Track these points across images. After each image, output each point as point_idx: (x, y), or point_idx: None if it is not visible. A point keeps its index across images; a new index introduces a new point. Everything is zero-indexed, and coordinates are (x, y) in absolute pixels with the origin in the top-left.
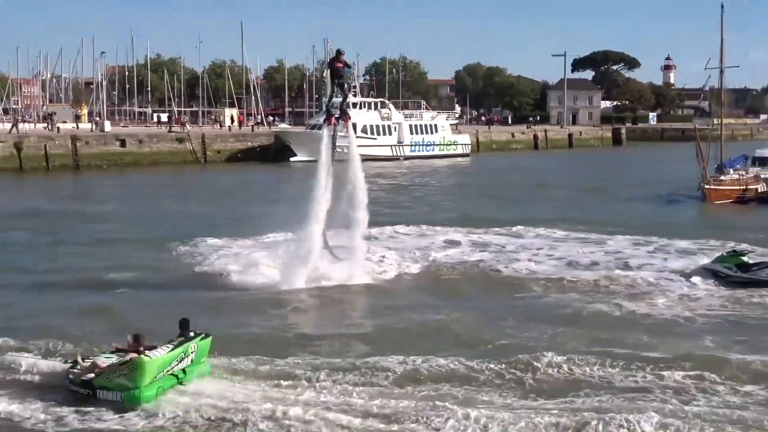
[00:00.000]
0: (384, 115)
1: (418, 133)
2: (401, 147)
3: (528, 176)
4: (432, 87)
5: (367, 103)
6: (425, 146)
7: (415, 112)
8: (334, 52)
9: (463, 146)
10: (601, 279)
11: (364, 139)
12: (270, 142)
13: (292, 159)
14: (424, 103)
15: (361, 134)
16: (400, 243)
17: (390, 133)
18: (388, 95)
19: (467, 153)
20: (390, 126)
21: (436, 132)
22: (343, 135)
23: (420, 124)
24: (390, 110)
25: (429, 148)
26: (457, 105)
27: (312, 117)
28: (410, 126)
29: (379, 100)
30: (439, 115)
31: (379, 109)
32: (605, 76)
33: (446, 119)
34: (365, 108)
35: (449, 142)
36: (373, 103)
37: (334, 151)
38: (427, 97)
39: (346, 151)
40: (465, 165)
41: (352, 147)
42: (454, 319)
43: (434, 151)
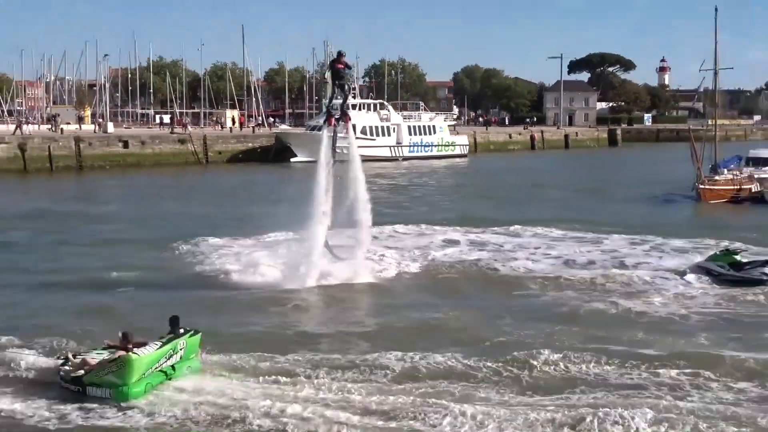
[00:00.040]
0: (383, 116)
1: (417, 134)
2: (400, 148)
3: (525, 177)
4: (430, 89)
5: (367, 105)
6: (424, 147)
7: (414, 114)
8: (335, 53)
9: (461, 147)
10: (597, 277)
11: (363, 140)
12: (270, 143)
13: (293, 160)
14: (422, 105)
15: (360, 135)
16: (400, 242)
17: (389, 134)
18: (387, 97)
19: (465, 154)
20: (389, 127)
21: (435, 133)
22: (343, 136)
23: (418, 126)
24: (389, 111)
25: (427, 149)
26: (455, 106)
27: (312, 118)
28: (409, 127)
29: (378, 102)
30: (438, 116)
31: (378, 111)
32: (601, 78)
33: (444, 120)
34: (364, 109)
35: (447, 143)
36: (373, 105)
37: (335, 152)
38: (426, 99)
39: (345, 152)
40: (463, 165)
41: (352, 147)
42: (452, 317)
43: (432, 151)
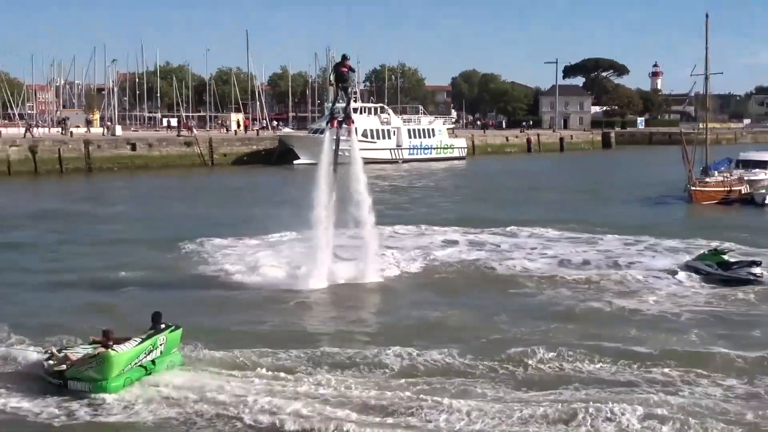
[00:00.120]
0: (383, 119)
1: (416, 137)
2: (400, 150)
3: (522, 178)
4: (429, 93)
5: (367, 108)
6: (423, 150)
7: (413, 117)
8: (337, 58)
9: (460, 150)
10: (592, 277)
11: (364, 143)
12: (274, 146)
13: (296, 162)
14: (421, 109)
15: (361, 138)
16: (400, 242)
17: (389, 137)
18: (387, 101)
19: (463, 156)
20: (389, 130)
21: (434, 136)
22: (345, 139)
23: (418, 129)
24: (389, 115)
25: (427, 152)
26: (454, 110)
27: (315, 122)
28: (408, 130)
29: (378, 106)
30: (437, 119)
31: (379, 114)
32: (595, 83)
33: (443, 124)
34: (365, 113)
35: (446, 146)
36: (373, 108)
37: (338, 153)
38: (425, 103)
39: (347, 154)
40: (461, 168)
41: (354, 150)
42: (450, 315)
43: (432, 154)
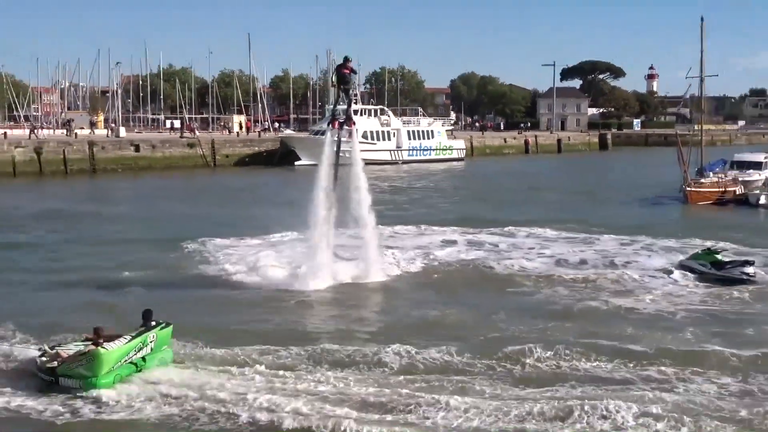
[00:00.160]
0: (383, 121)
1: (416, 139)
2: (400, 152)
3: (520, 179)
4: (429, 95)
5: (368, 110)
6: (422, 151)
7: (413, 119)
8: (338, 61)
9: (458, 151)
10: (589, 276)
11: (364, 144)
12: (276, 147)
13: (297, 163)
14: (421, 111)
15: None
16: (400, 242)
17: (389, 139)
18: (387, 103)
19: (462, 157)
20: (389, 132)
21: (433, 137)
22: (346, 140)
23: (417, 130)
24: (389, 117)
25: (426, 153)
26: (453, 112)
27: (315, 123)
28: (408, 132)
29: (378, 108)
30: (436, 121)
31: (379, 116)
32: (592, 85)
33: (442, 125)
34: (366, 115)
35: (445, 147)
36: (373, 110)
37: (339, 155)
38: (424, 105)
39: (348, 155)
40: (460, 169)
41: (355, 151)
42: (449, 314)
43: (431, 155)
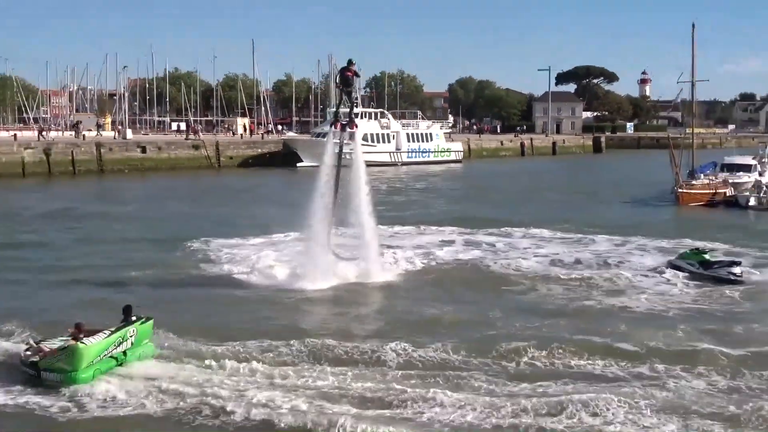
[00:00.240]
0: (383, 124)
1: (415, 141)
2: (399, 154)
3: (516, 181)
4: (427, 99)
5: (368, 113)
6: (421, 153)
7: (412, 122)
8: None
9: (456, 153)
10: (583, 276)
11: (365, 146)
12: (278, 149)
13: (299, 164)
14: (420, 114)
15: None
16: (399, 242)
17: (389, 141)
18: (386, 106)
19: (460, 159)
20: (389, 134)
21: (431, 140)
22: (348, 142)
23: (416, 133)
24: (389, 120)
25: (424, 155)
26: (451, 115)
27: (317, 126)
28: (407, 134)
29: (378, 111)
30: (434, 124)
31: (379, 119)
32: (586, 89)
33: (440, 128)
34: (366, 118)
35: (443, 149)
36: (374, 114)
37: (341, 156)
38: (423, 108)
39: (349, 157)
40: (458, 170)
41: (357, 153)
42: (446, 312)
43: (429, 157)
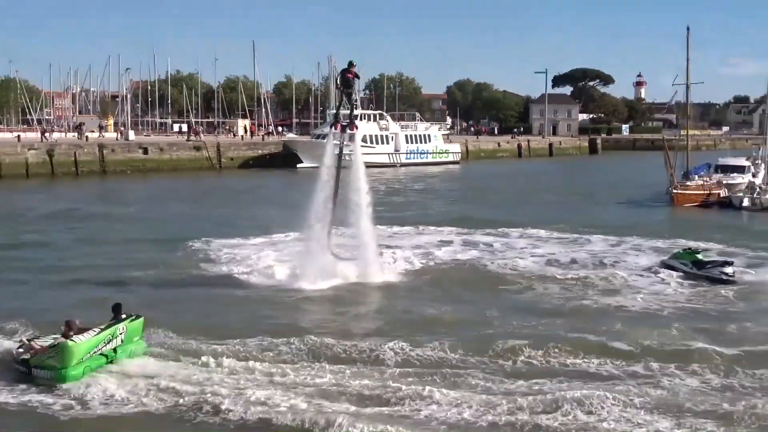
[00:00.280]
0: (382, 126)
1: (413, 143)
2: (398, 155)
3: (513, 182)
4: (426, 101)
5: (367, 115)
6: (420, 154)
7: (411, 124)
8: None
9: (454, 154)
10: (579, 275)
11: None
12: (279, 150)
13: (299, 165)
14: (418, 115)
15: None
16: (397, 242)
17: (388, 143)
18: (385, 108)
19: (458, 160)
20: (388, 136)
21: (430, 141)
22: (348, 143)
23: (415, 134)
24: (388, 121)
25: (423, 156)
26: (449, 117)
27: (317, 127)
28: (406, 136)
29: (377, 113)
30: (432, 126)
31: (378, 121)
32: (583, 92)
33: (438, 130)
34: (365, 119)
35: (441, 151)
36: (373, 115)
37: (341, 157)
38: (421, 110)
39: (349, 159)
40: (456, 171)
41: (356, 154)
42: (444, 311)
43: (428, 158)
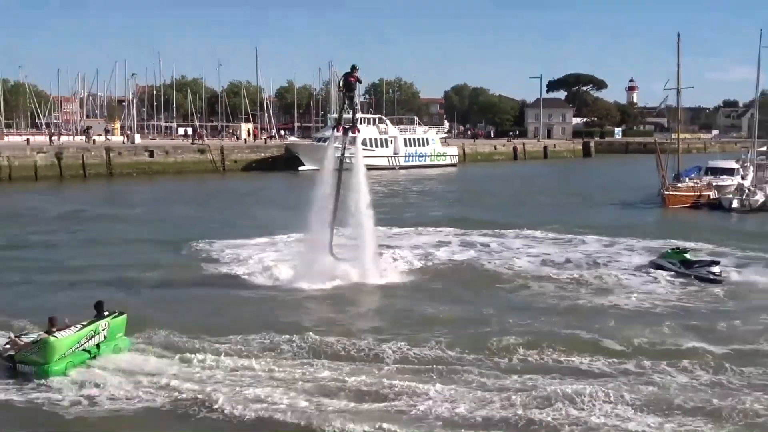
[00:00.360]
0: (381, 129)
1: (412, 146)
2: (397, 158)
3: (509, 184)
4: (424, 105)
5: (367, 119)
6: (418, 157)
7: (409, 127)
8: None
9: (452, 157)
10: (573, 275)
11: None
12: (281, 153)
13: (301, 168)
14: (416, 119)
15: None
16: (397, 242)
17: (387, 146)
18: (385, 112)
19: (455, 163)
20: (387, 139)
21: (428, 145)
22: (349, 146)
23: (413, 138)
24: (387, 125)
25: (421, 159)
26: (446, 121)
27: (318, 131)
28: (405, 139)
29: (377, 116)
30: (430, 129)
31: (378, 124)
32: (576, 96)
33: (436, 133)
34: (365, 123)
35: (439, 154)
36: (372, 119)
37: (342, 160)
38: (420, 114)
39: (350, 161)
40: (453, 174)
41: (358, 157)
42: (442, 310)
43: (426, 161)
